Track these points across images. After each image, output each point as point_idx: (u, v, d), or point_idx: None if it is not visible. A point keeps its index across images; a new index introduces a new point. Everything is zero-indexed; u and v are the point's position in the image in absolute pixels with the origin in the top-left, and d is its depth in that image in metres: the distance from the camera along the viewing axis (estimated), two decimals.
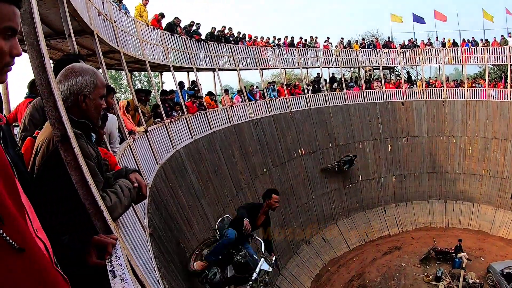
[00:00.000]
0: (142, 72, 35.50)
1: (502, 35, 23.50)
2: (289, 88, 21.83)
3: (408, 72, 28.43)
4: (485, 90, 23.46)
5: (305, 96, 22.17)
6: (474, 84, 24.35)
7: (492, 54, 23.44)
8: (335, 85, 24.50)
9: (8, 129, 1.70)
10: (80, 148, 1.93)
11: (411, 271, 19.13)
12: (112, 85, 7.08)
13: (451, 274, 18.48)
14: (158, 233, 6.31)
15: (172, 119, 12.15)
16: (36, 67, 1.78)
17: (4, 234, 0.64)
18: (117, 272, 1.55)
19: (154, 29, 13.16)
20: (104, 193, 2.09)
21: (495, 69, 33.40)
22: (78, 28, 6.79)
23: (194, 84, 16.14)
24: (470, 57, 24.21)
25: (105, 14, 8.67)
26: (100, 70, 7.83)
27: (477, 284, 17.48)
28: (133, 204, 2.68)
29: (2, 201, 0.65)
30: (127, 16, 10.99)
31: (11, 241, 0.65)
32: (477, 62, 24.85)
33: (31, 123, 3.02)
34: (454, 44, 24.71)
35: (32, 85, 4.81)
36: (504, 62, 23.44)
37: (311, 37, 23.73)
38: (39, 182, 1.93)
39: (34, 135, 2.23)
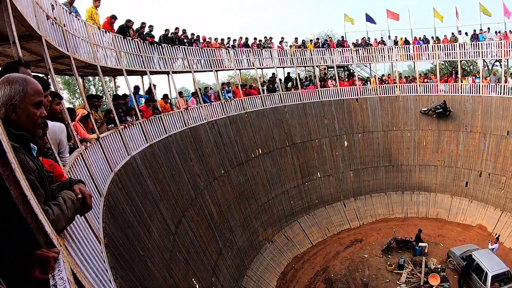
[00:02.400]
0: (97, 77, 34.61)
1: (452, 33, 24.67)
2: (244, 89, 21.86)
3: (351, 72, 29.09)
4: (437, 85, 24.61)
5: (261, 97, 22.29)
6: (426, 80, 25.38)
7: (442, 51, 24.54)
8: (290, 84, 24.78)
9: None
10: (19, 161, 1.87)
11: (374, 262, 19.76)
12: (61, 92, 6.87)
13: (413, 262, 19.30)
14: (114, 242, 6.16)
15: (126, 124, 11.89)
16: None
17: None
18: (59, 287, 1.52)
19: (106, 32, 12.81)
20: (46, 206, 2.03)
21: (446, 64, 34.91)
22: (25, 33, 6.53)
23: (149, 88, 15.87)
24: (421, 54, 25.25)
25: (54, 18, 8.36)
26: (49, 76, 7.56)
27: (439, 269, 18.33)
28: (78, 215, 2.61)
29: None
30: (78, 19, 10.65)
31: None
32: (429, 59, 25.89)
33: None
34: (406, 42, 25.69)
35: None
36: (454, 58, 24.55)
37: (266, 37, 23.87)
38: None
39: None
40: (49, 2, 8.26)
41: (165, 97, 16.18)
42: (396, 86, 25.45)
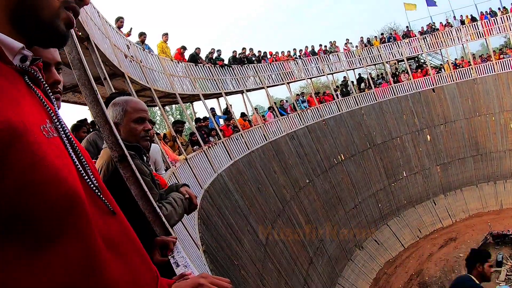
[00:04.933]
0: (174, 106, 36.52)
1: None
2: (318, 97, 21.93)
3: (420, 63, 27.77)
4: None
5: (336, 102, 22.18)
6: (502, 56, 23.49)
7: None
8: (362, 85, 24.39)
9: None
10: (136, 166, 2.24)
11: None
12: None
13: None
14: (211, 250, 6.58)
15: (210, 144, 12.55)
16: (90, 102, 2.10)
17: (104, 199, 0.90)
18: (180, 262, 1.80)
19: (178, 62, 13.74)
20: (160, 204, 2.38)
21: None
22: (110, 71, 7.31)
23: (226, 109, 16.59)
24: (491, 29, 23.42)
25: (131, 56, 9.21)
26: None
27: None
28: (186, 214, 2.95)
29: (97, 177, 0.91)
30: (151, 54, 11.58)
31: (108, 204, 0.91)
32: (500, 32, 23.93)
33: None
34: (473, 19, 24.09)
35: (75, 127, 5.29)
36: None
37: (330, 42, 23.86)
38: None
39: None
40: (125, 43, 9.10)
41: (243, 115, 16.78)
42: (472, 68, 23.75)
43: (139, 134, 2.45)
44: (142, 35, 11.94)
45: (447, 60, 25.46)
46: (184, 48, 14.51)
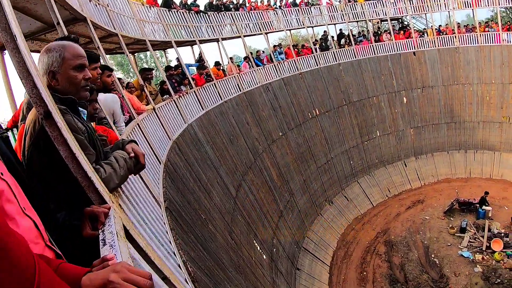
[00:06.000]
0: (148, 54, 35.37)
1: None
2: (296, 50, 21.45)
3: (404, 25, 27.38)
4: (499, 34, 22.48)
5: (314, 56, 21.78)
6: (487, 29, 23.35)
7: None
8: (343, 41, 23.94)
9: None
10: (67, 122, 1.94)
11: (436, 224, 19.17)
12: (115, 71, 7.12)
13: (476, 225, 18.43)
14: (175, 206, 6.40)
15: (181, 94, 12.14)
16: (11, 49, 1.77)
17: None
18: (107, 240, 1.57)
19: (150, 7, 12.99)
20: (98, 165, 2.11)
21: (508, 12, 32.06)
22: (70, 16, 6.75)
23: (200, 56, 16.01)
24: (480, 0, 23.19)
25: (97, 0, 8.56)
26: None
27: (503, 234, 17.36)
28: (133, 175, 2.69)
29: None
30: None
31: None
32: (488, 5, 23.66)
33: (28, 111, 3.06)
34: None
35: None
36: None
37: None
38: (30, 162, 1.95)
39: None
40: None
41: (217, 64, 16.27)
42: (455, 36, 23.60)
43: (80, 83, 2.18)
44: None
45: (431, 26, 25.16)
46: None
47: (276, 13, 20.93)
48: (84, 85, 2.20)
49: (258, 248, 13.31)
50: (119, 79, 8.37)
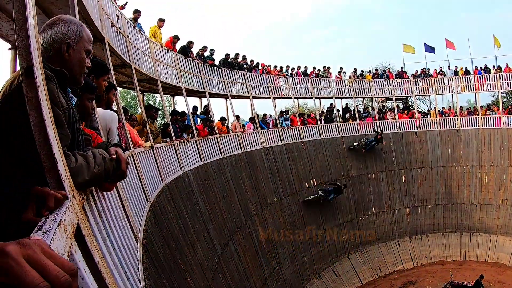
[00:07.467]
0: (157, 98, 35.64)
1: None
2: (302, 118, 21.66)
3: (408, 105, 28.03)
4: (499, 117, 22.94)
5: (318, 126, 21.96)
6: (488, 112, 23.88)
7: (505, 80, 23.11)
8: (348, 115, 24.27)
9: None
10: (48, 90, 1.68)
11: None
12: (114, 83, 6.99)
13: None
14: (154, 247, 5.95)
15: (182, 140, 11.98)
16: None
17: None
18: (45, 226, 1.20)
19: (168, 50, 13.19)
20: (70, 152, 1.81)
21: (508, 97, 33.00)
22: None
23: (206, 108, 16.05)
24: (483, 84, 23.87)
25: (119, 28, 8.63)
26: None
27: None
28: (109, 180, 2.32)
29: None
30: (141, 34, 11.01)
31: None
32: (490, 89, 24.46)
33: None
34: (467, 72, 24.47)
35: None
36: None
37: (324, 67, 23.77)
38: None
39: None
40: (115, 13, 8.53)
41: (223, 119, 16.29)
42: (457, 119, 24.06)
43: (84, 68, 2.09)
44: (137, 13, 11.38)
45: (435, 107, 25.65)
46: (176, 37, 13.93)
47: (287, 80, 21.40)
48: (85, 72, 2.13)
49: None
50: (124, 109, 8.20)
